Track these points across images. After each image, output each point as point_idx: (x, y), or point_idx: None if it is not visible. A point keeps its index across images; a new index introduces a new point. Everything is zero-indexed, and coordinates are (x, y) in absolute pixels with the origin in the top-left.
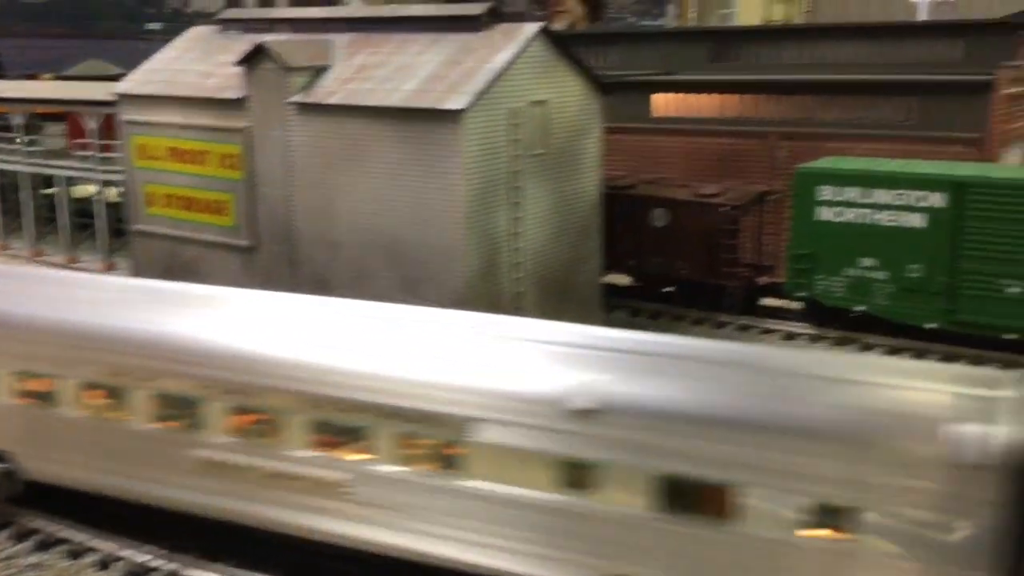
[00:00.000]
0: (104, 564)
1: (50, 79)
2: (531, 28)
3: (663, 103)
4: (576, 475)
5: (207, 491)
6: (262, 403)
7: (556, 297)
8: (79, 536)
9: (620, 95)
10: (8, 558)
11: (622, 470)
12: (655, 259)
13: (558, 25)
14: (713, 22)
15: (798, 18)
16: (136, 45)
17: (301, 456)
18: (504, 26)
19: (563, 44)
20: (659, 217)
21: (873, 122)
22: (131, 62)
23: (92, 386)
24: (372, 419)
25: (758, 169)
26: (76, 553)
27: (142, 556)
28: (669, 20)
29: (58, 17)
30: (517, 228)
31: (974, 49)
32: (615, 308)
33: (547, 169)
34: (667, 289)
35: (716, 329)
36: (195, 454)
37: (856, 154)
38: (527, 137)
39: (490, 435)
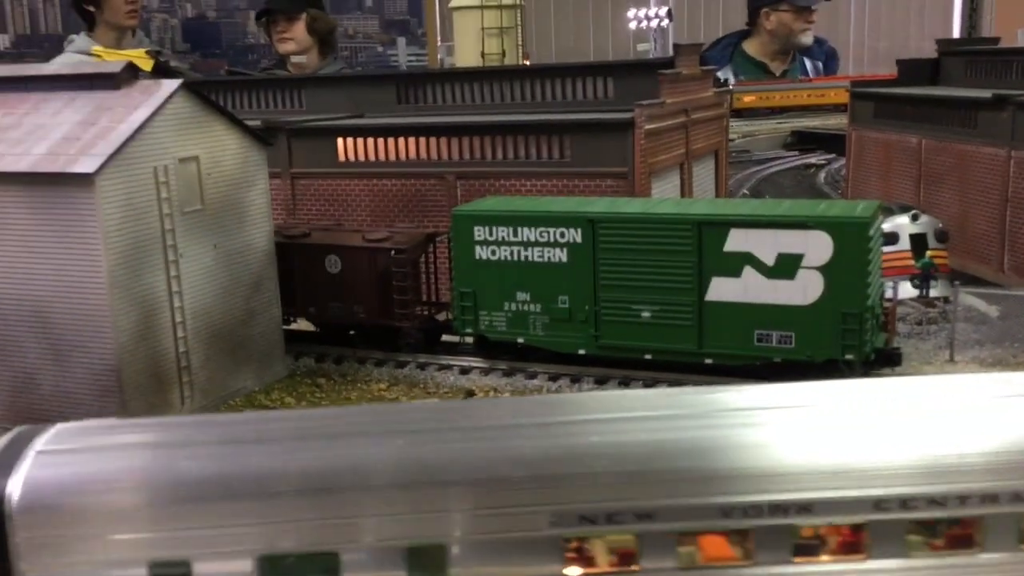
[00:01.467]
0: None
1: None
2: (170, 85)
3: (349, 147)
4: None
5: None
6: None
7: (230, 352)
8: None
9: (307, 140)
10: None
11: None
12: (333, 305)
13: (285, 50)
14: (440, 54)
15: (511, 51)
16: None
17: None
18: (143, 83)
19: (207, 98)
20: (333, 264)
21: (536, 160)
22: None
23: None
24: None
25: (440, 209)
26: None
27: None
28: (400, 53)
29: None
30: (177, 287)
31: (623, 88)
32: (301, 355)
33: (207, 225)
34: (351, 332)
35: (398, 369)
36: None
37: (522, 191)
38: (179, 195)
39: None
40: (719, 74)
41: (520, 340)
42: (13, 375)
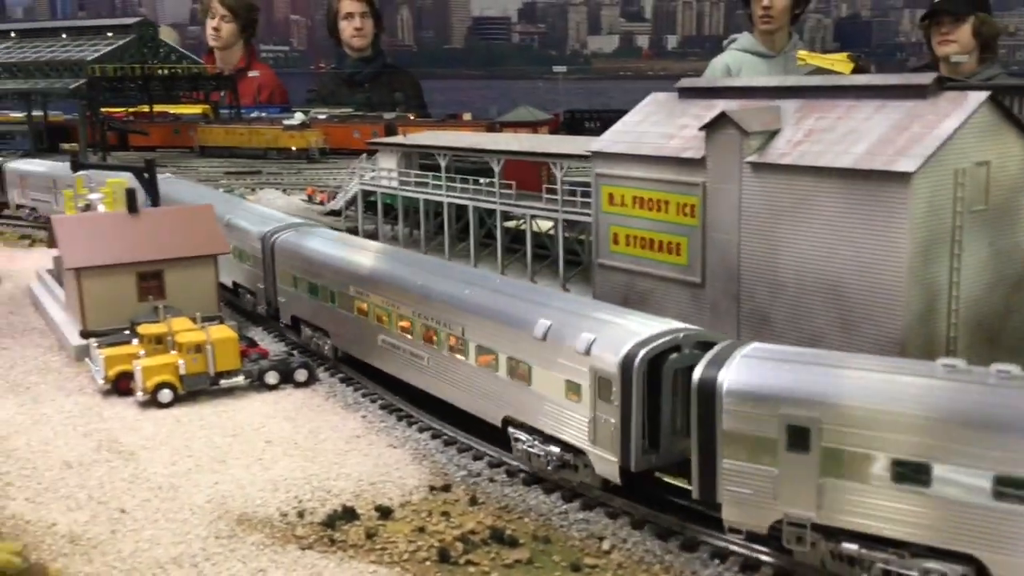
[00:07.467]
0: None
1: (471, 120)
2: (977, 96)
3: None
4: None
5: None
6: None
7: (986, 343)
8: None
9: None
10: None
11: None
12: None
13: (944, 52)
14: None
15: None
16: (536, 84)
17: None
18: (950, 94)
19: (1004, 107)
20: None
21: None
22: (546, 103)
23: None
24: None
25: None
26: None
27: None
28: None
29: (473, 61)
30: (955, 279)
31: None
32: None
33: (985, 224)
34: None
35: None
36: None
37: None
38: (969, 195)
39: None
40: None
41: None
42: (800, 336)
